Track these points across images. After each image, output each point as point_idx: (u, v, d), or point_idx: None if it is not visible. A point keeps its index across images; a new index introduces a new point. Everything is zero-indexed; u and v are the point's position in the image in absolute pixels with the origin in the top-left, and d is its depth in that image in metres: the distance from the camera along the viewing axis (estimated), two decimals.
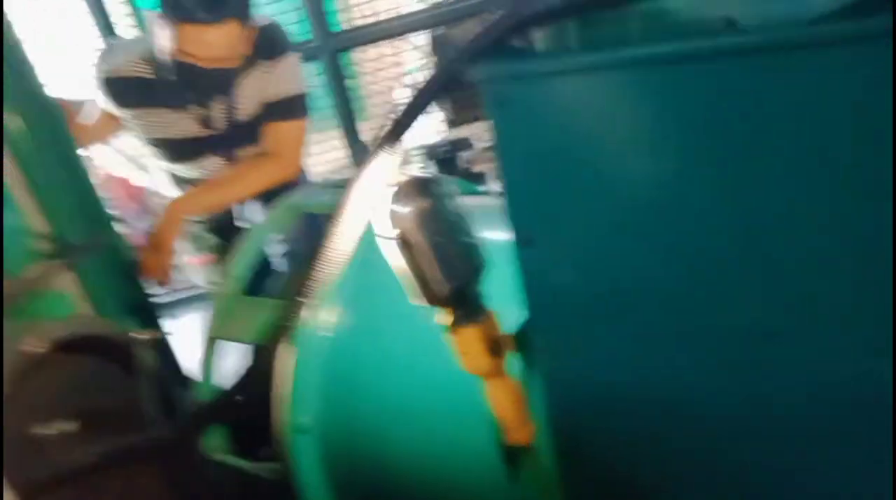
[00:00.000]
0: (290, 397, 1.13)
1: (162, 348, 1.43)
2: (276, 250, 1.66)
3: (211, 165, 1.63)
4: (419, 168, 0.82)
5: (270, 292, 1.41)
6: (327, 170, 2.72)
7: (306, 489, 1.16)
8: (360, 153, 2.42)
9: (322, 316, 1.16)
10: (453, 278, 0.77)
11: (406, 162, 0.81)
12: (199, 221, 1.73)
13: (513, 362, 0.86)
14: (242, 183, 1.57)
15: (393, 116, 0.74)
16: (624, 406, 0.79)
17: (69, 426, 1.06)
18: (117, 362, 1.24)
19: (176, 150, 1.61)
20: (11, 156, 1.24)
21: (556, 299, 0.75)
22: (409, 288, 0.79)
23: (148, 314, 1.43)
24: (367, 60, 2.82)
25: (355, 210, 0.77)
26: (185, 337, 1.55)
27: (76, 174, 1.37)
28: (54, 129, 1.33)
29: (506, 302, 0.80)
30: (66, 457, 1.06)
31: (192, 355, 1.39)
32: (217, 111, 1.56)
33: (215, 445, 1.29)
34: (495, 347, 0.82)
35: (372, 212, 0.78)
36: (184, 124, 1.57)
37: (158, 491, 1.28)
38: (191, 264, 1.80)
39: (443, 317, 0.81)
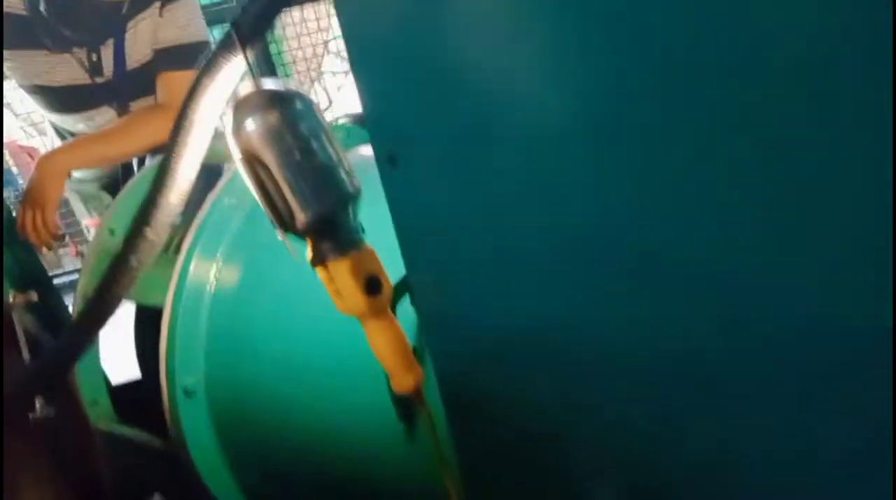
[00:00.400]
0: (173, 358, 1.04)
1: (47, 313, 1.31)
2: None
3: (101, 117, 1.50)
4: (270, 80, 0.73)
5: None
6: None
7: (196, 455, 1.07)
8: None
9: (207, 271, 1.06)
10: (312, 204, 0.68)
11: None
12: (93, 180, 1.60)
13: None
14: (131, 136, 1.43)
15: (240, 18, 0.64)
16: (516, 349, 0.71)
17: None
18: None
19: (60, 99, 1.47)
20: None
21: (425, 226, 0.67)
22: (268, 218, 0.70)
23: (31, 270, 1.31)
24: (290, 25, 2.68)
25: (196, 129, 0.67)
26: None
27: None
28: None
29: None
30: None
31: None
32: (105, 56, 1.43)
33: (101, 414, 1.20)
34: (371, 284, 0.74)
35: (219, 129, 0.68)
36: (66, 70, 1.43)
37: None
38: (90, 227, 1.66)
39: (308, 251, 0.72)
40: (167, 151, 0.68)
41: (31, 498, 1.17)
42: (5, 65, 1.42)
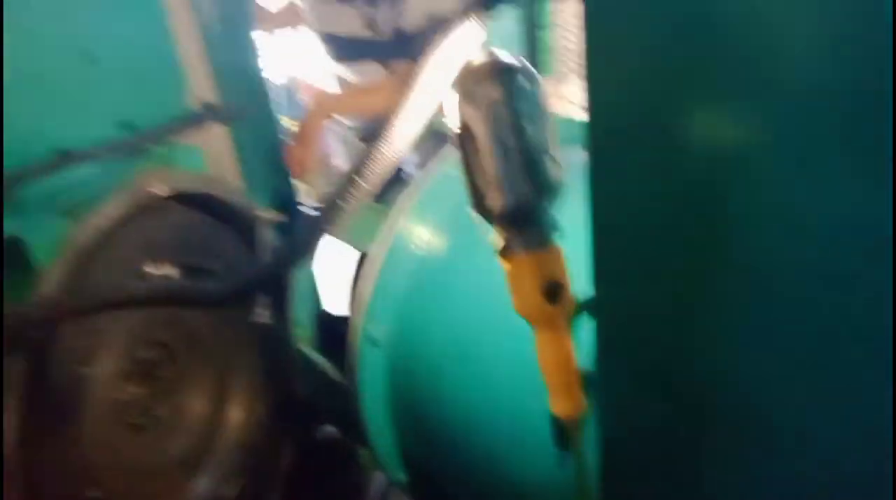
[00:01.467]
0: (367, 306, 1.08)
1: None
2: (409, 160, 1.61)
3: (369, 70, 1.61)
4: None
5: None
6: None
7: (365, 401, 1.12)
8: None
9: (420, 232, 1.08)
10: (513, 191, 0.64)
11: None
12: (352, 128, 1.74)
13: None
14: (394, 94, 1.52)
15: None
16: (706, 407, 0.60)
17: (172, 271, 1.12)
18: (235, 231, 1.29)
19: (339, 48, 1.61)
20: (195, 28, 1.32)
21: (625, 236, 0.58)
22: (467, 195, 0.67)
23: (284, 196, 1.47)
24: (564, 13, 2.59)
25: (423, 90, 0.66)
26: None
27: (245, 49, 1.43)
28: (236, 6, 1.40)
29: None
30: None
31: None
32: (383, 14, 1.53)
33: (303, 336, 1.31)
34: (551, 290, 0.68)
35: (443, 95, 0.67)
36: (349, 21, 1.56)
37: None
38: (339, 168, 1.81)
39: (496, 237, 0.68)
40: (393, 106, 0.69)
41: (237, 395, 1.34)
42: (307, 9, 1.60)
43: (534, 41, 2.34)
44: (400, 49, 1.57)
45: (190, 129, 1.19)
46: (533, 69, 0.65)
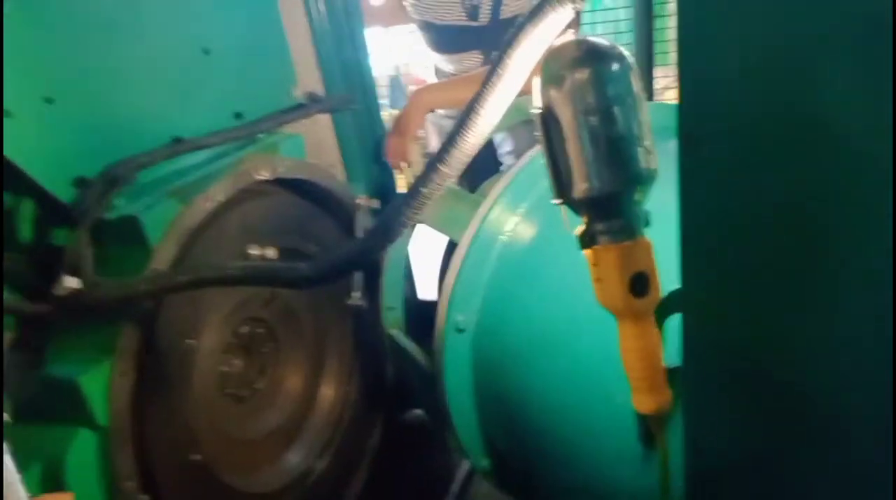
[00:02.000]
0: (455, 293, 1.09)
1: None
2: (503, 148, 1.60)
3: (469, 61, 1.61)
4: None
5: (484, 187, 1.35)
6: None
7: (450, 388, 1.13)
8: (647, 76, 2.16)
9: (507, 221, 1.08)
10: (595, 177, 0.62)
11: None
12: (451, 117, 1.75)
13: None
14: None
15: None
16: (799, 412, 0.56)
17: (272, 253, 1.18)
18: (334, 216, 1.34)
19: (440, 37, 1.62)
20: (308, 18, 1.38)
21: (717, 230, 0.55)
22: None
23: (382, 185, 1.51)
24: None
25: (508, 75, 0.65)
26: None
27: (351, 43, 1.48)
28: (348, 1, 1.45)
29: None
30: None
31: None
32: (485, 2, 1.52)
33: (393, 320, 1.34)
34: (637, 282, 0.65)
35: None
36: (451, 10, 1.56)
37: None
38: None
39: (579, 226, 0.67)
40: (477, 93, 0.68)
41: (330, 373, 1.39)
42: (408, 1, 1.63)
43: (649, 30, 2.26)
44: (498, 36, 1.56)
45: (295, 118, 1.24)
46: (626, 54, 0.62)
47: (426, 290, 1.56)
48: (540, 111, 0.63)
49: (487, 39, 1.58)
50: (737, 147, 0.50)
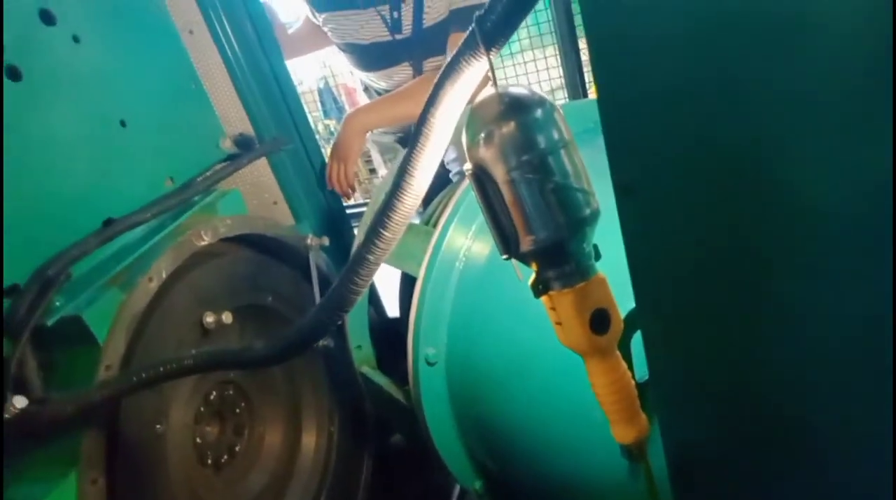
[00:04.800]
0: (419, 328, 1.08)
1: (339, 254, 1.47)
2: (448, 156, 1.59)
3: (399, 75, 1.59)
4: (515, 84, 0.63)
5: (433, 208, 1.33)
6: (542, 91, 2.53)
7: (431, 419, 1.12)
8: (576, 73, 2.16)
9: (459, 247, 1.07)
10: (540, 230, 0.61)
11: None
12: (390, 134, 1.72)
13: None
14: (417, 99, 1.50)
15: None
16: (762, 420, 0.57)
17: (228, 316, 1.15)
18: (286, 262, 1.31)
19: (365, 56, 1.59)
20: (224, 64, 1.33)
21: (660, 266, 0.55)
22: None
23: (331, 214, 1.48)
24: None
25: (434, 136, 0.64)
26: None
27: (278, 81, 1.44)
28: (263, 39, 1.40)
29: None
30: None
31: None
32: (406, 13, 1.50)
33: (363, 358, 1.32)
34: (597, 320, 0.65)
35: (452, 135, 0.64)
36: (372, 27, 1.54)
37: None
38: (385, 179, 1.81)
39: (533, 277, 0.66)
40: (406, 154, 0.66)
41: (310, 420, 1.37)
42: (326, 27, 1.59)
43: (567, 3, 2.26)
44: (423, 45, 1.54)
45: (229, 173, 1.20)
46: (547, 99, 0.61)
47: (392, 308, 1.55)
48: (471, 171, 0.62)
49: (414, 50, 1.55)
50: (664, 192, 0.50)
